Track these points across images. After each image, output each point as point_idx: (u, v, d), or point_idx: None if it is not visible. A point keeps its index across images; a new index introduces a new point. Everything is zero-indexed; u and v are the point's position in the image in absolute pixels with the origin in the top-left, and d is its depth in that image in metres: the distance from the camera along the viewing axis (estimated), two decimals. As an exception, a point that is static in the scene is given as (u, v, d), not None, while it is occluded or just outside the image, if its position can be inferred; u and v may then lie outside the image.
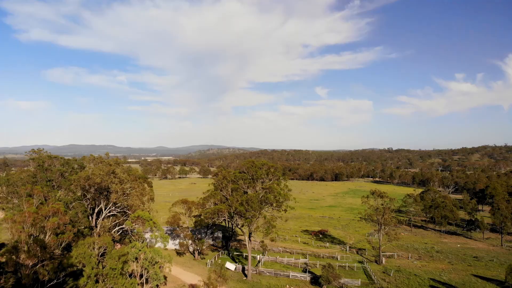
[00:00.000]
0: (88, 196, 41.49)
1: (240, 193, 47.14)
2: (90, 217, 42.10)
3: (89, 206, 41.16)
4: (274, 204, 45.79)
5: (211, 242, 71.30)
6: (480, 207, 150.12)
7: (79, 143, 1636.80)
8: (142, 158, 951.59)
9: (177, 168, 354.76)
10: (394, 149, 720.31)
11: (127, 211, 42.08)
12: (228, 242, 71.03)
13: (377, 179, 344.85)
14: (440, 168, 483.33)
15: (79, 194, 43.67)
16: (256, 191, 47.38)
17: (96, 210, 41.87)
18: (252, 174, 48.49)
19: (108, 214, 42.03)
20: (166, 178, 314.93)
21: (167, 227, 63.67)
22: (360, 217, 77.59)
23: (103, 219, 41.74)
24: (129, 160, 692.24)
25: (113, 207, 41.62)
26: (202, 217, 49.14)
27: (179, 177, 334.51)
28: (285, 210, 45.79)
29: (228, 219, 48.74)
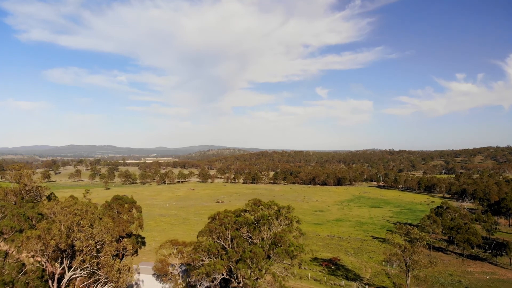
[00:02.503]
0: (44, 259, 32.76)
1: (242, 244, 38.23)
2: (50, 283, 33.42)
3: (46, 269, 32.62)
4: (286, 259, 37.05)
5: (206, 284, 62.37)
6: (496, 219, 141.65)
7: (79, 144, 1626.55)
8: (142, 159, 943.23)
9: (176, 172, 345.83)
10: (395, 150, 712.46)
11: (99, 272, 33.47)
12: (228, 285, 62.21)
13: (381, 183, 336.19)
14: (443, 171, 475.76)
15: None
16: (263, 239, 38.66)
17: (56, 275, 33.26)
18: (258, 218, 39.78)
19: (74, 276, 33.43)
20: (164, 182, 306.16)
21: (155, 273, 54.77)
22: (383, 262, 68.10)
23: (67, 286, 33.10)
24: (128, 161, 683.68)
25: (79, 270, 33.08)
26: (193, 273, 40.29)
27: (178, 181, 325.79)
28: (300, 264, 37.50)
29: (227, 275, 39.62)
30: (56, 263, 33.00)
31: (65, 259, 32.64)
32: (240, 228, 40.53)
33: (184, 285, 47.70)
